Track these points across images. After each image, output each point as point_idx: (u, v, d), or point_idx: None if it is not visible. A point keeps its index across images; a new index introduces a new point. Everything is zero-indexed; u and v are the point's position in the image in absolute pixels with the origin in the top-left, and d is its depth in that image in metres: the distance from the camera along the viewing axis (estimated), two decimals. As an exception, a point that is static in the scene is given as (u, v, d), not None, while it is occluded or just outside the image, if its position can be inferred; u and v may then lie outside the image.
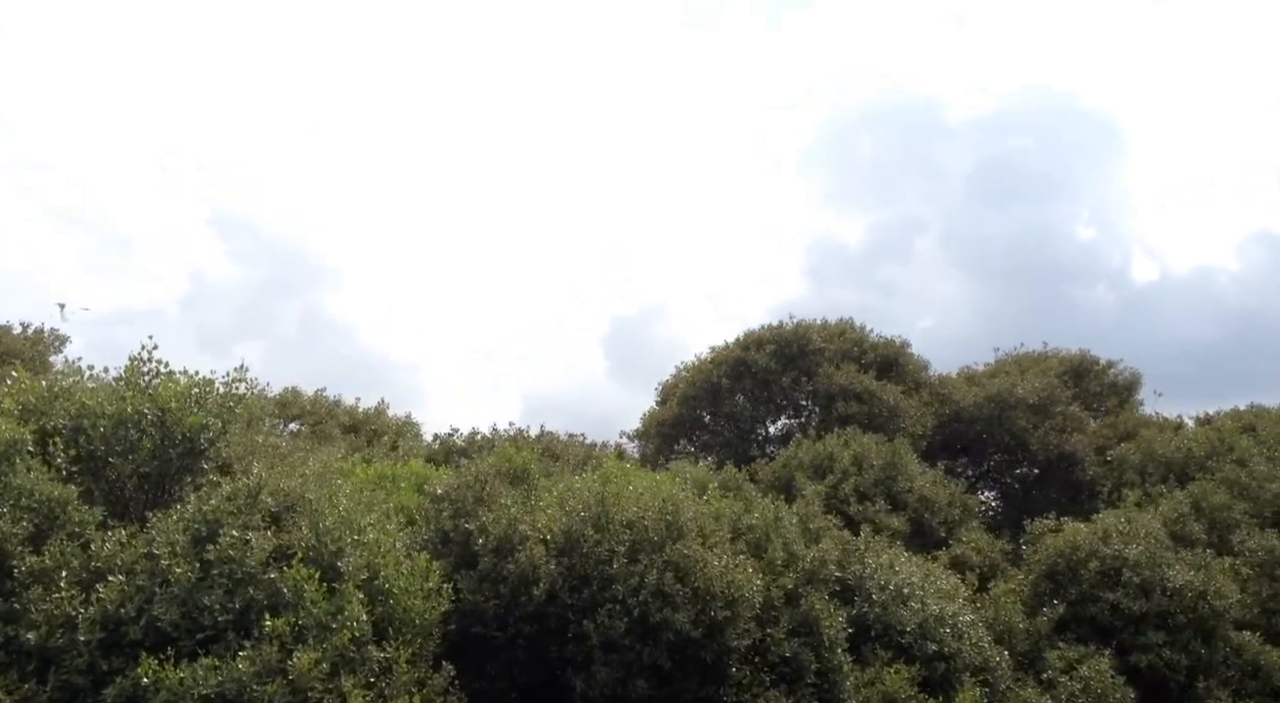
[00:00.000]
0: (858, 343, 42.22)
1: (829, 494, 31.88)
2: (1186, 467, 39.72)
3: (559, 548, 19.77)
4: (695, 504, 21.73)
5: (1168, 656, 27.54)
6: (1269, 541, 32.19)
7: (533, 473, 22.92)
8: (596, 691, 18.81)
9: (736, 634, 19.80)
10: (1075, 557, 29.30)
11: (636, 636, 18.93)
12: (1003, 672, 25.68)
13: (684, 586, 19.28)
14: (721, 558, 20.14)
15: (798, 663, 20.99)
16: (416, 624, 17.57)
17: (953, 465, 47.61)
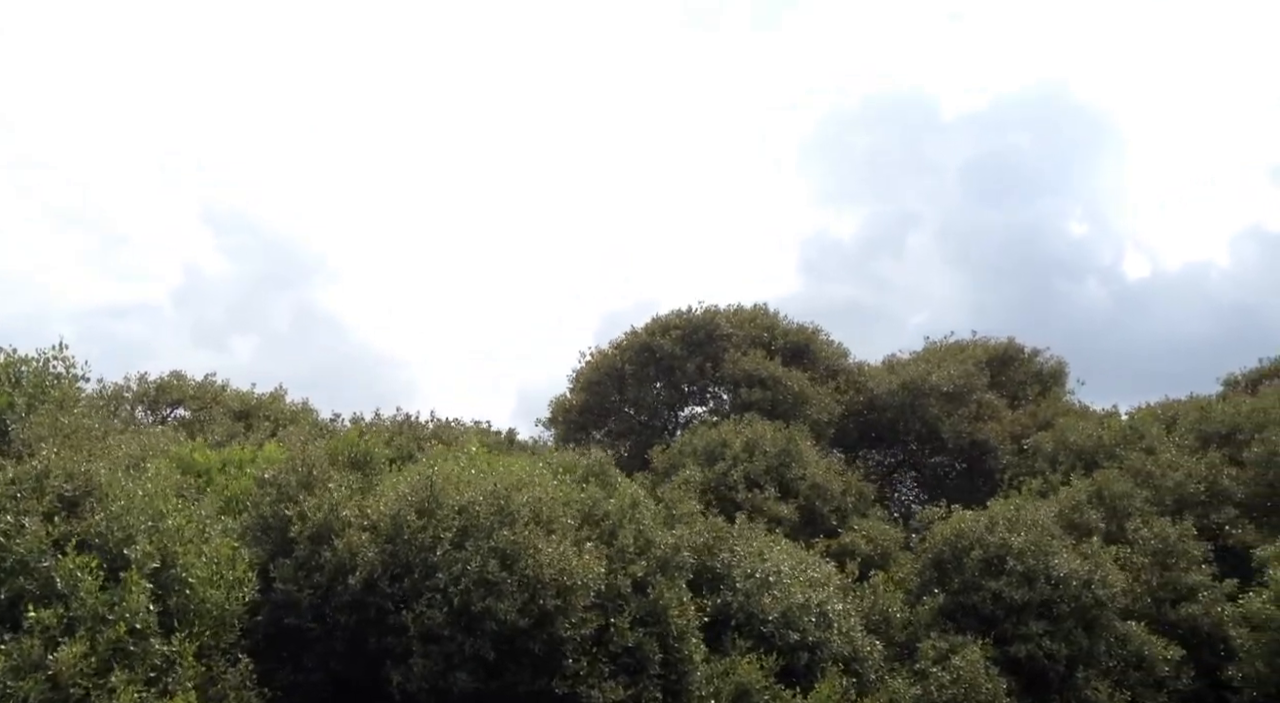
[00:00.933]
0: (768, 329, 41.58)
1: (717, 481, 31.21)
2: (1096, 455, 39.43)
3: (385, 535, 18.91)
4: (540, 490, 20.91)
5: (1048, 646, 27.07)
6: (1163, 529, 31.87)
7: (376, 458, 22.03)
8: (414, 684, 17.99)
9: (570, 624, 19.02)
10: (960, 545, 28.80)
11: (458, 626, 18.12)
12: (874, 662, 25.13)
13: (511, 573, 18.47)
14: (559, 545, 19.34)
15: (641, 654, 20.24)
16: (213, 615, 16.66)
17: (869, 454, 47.43)
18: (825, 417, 38.95)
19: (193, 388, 35.63)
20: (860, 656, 24.73)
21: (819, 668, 23.43)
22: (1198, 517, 34.36)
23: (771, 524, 30.14)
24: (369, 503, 19.54)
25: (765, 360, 38.91)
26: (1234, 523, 34.33)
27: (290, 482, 19.94)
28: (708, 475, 31.24)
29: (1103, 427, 41.19)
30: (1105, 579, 28.26)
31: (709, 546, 25.10)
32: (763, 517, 30.06)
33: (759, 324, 41.54)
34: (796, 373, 39.07)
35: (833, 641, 24.14)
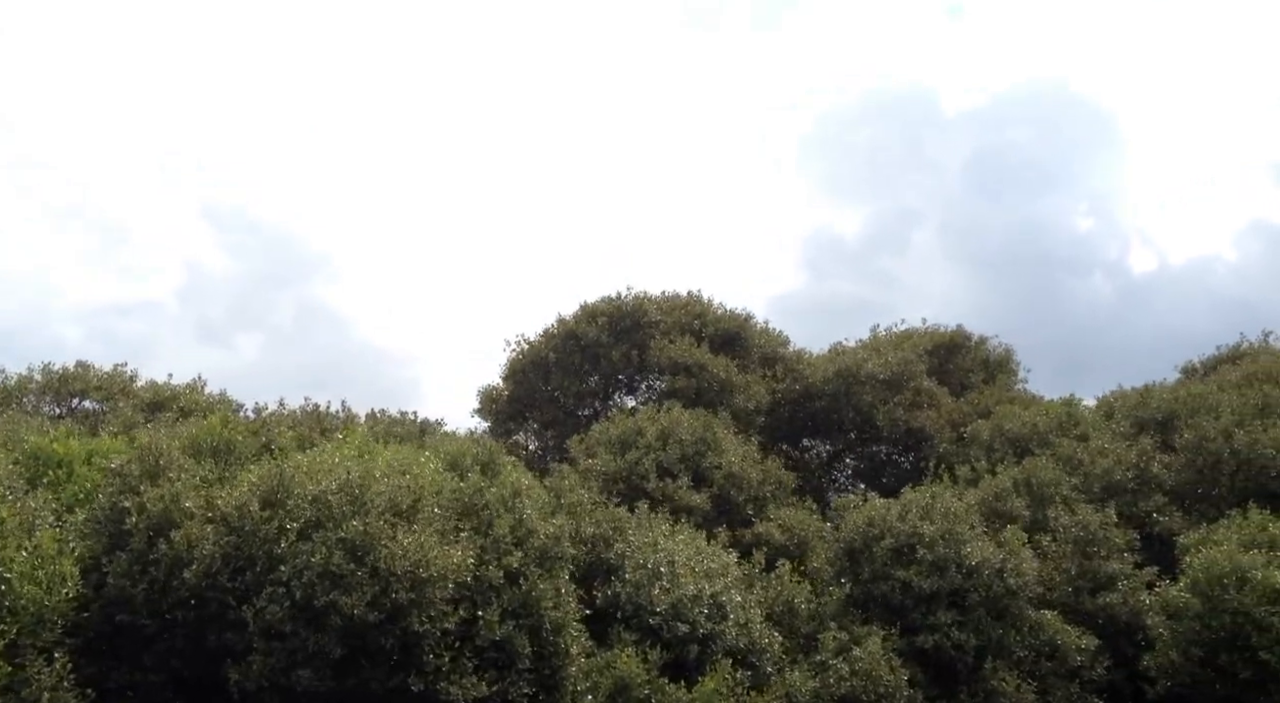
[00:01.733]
0: (699, 316, 40.79)
1: (628, 470, 30.45)
2: (1030, 443, 38.88)
3: (229, 527, 18.10)
4: (409, 480, 20.12)
5: (956, 636, 26.44)
6: (1085, 516, 31.28)
7: (238, 447, 21.18)
8: (254, 682, 17.20)
9: (428, 618, 18.27)
10: (871, 534, 28.14)
11: (301, 621, 17.34)
12: (772, 655, 24.47)
13: (360, 566, 17.69)
14: (418, 535, 18.56)
15: (510, 648, 19.51)
16: (30, 612, 15.84)
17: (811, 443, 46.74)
18: (752, 404, 38.19)
19: (98, 378, 34.62)
20: (757, 648, 24.07)
21: (710, 661, 22.75)
22: (1125, 504, 33.84)
23: (682, 514, 29.43)
24: (220, 494, 18.71)
25: (692, 348, 38.12)
26: (1162, 510, 33.79)
27: (133, 472, 19.07)
28: (619, 465, 30.46)
29: (1039, 415, 40.67)
30: (1018, 568, 27.65)
31: (605, 536, 24.42)
32: (672, 507, 29.34)
33: (690, 311, 40.74)
34: (724, 360, 38.28)
35: (727, 633, 23.46)
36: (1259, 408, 36.84)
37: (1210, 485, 34.48)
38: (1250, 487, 33.54)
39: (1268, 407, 36.81)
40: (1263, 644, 25.92)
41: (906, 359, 44.40)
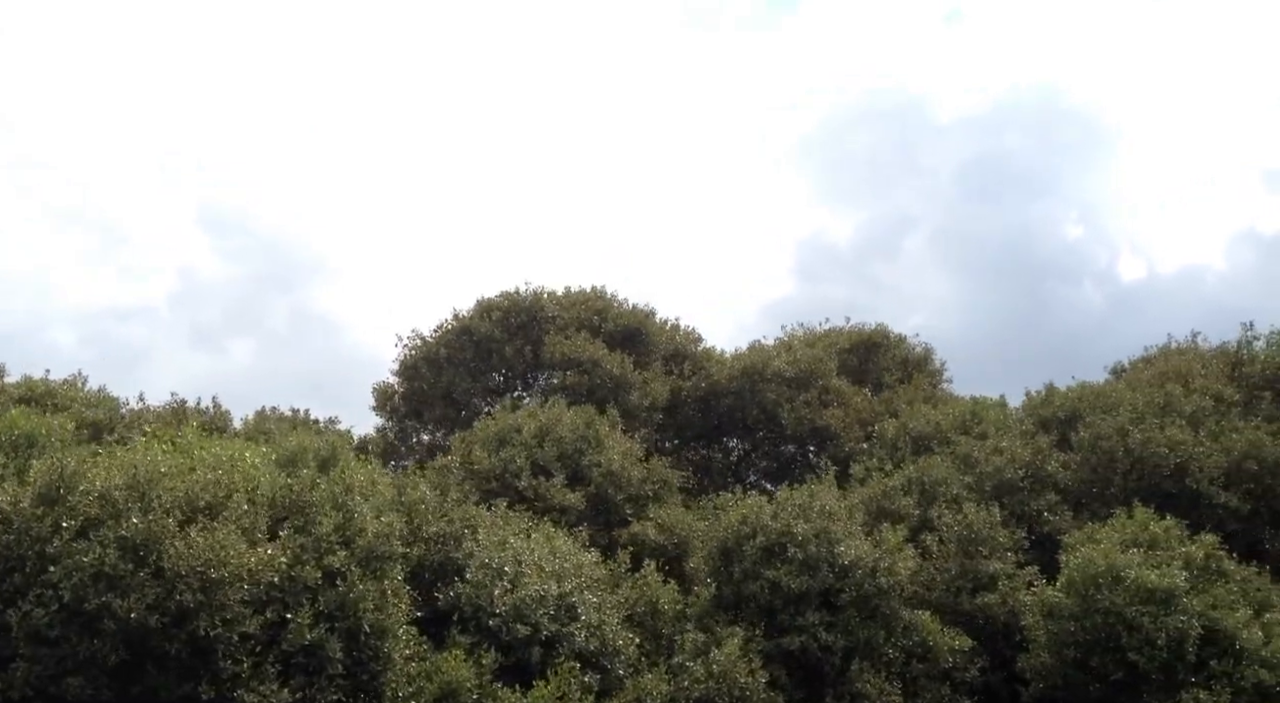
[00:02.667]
0: (599, 312, 39.97)
1: (501, 468, 29.53)
2: (932, 442, 38.37)
3: (3, 525, 17.00)
4: (222, 475, 19.11)
5: (824, 637, 25.73)
6: (968, 515, 30.70)
7: (41, 441, 20.06)
8: (18, 691, 16.14)
9: (222, 621, 17.27)
10: (742, 532, 27.40)
11: (73, 626, 16.29)
12: (626, 657, 23.64)
13: (141, 566, 16.67)
14: (212, 533, 17.56)
15: (321, 653, 18.55)
16: None
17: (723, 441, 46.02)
18: (648, 402, 37.38)
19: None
20: (610, 650, 23.22)
21: (553, 664, 21.88)
22: (1017, 503, 33.36)
23: (555, 513, 28.59)
24: (2, 490, 17.62)
25: (587, 344, 37.28)
26: (1053, 509, 33.30)
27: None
28: (492, 463, 29.54)
29: (944, 414, 40.18)
30: (891, 568, 27.00)
31: (455, 535, 23.51)
32: (544, 506, 28.49)
33: (589, 307, 39.91)
34: (620, 357, 37.45)
35: (575, 635, 22.59)
36: (1160, 407, 36.55)
37: (1104, 484, 34.05)
38: (1143, 486, 33.15)
39: (1169, 405, 36.52)
40: (1132, 645, 25.42)
41: (816, 357, 43.88)
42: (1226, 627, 25.69)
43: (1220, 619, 25.79)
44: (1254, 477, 33.08)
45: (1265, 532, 34.13)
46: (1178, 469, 32.99)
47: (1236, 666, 25.33)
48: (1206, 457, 33.18)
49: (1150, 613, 25.52)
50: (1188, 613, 25.55)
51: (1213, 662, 25.49)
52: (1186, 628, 25.31)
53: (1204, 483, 32.57)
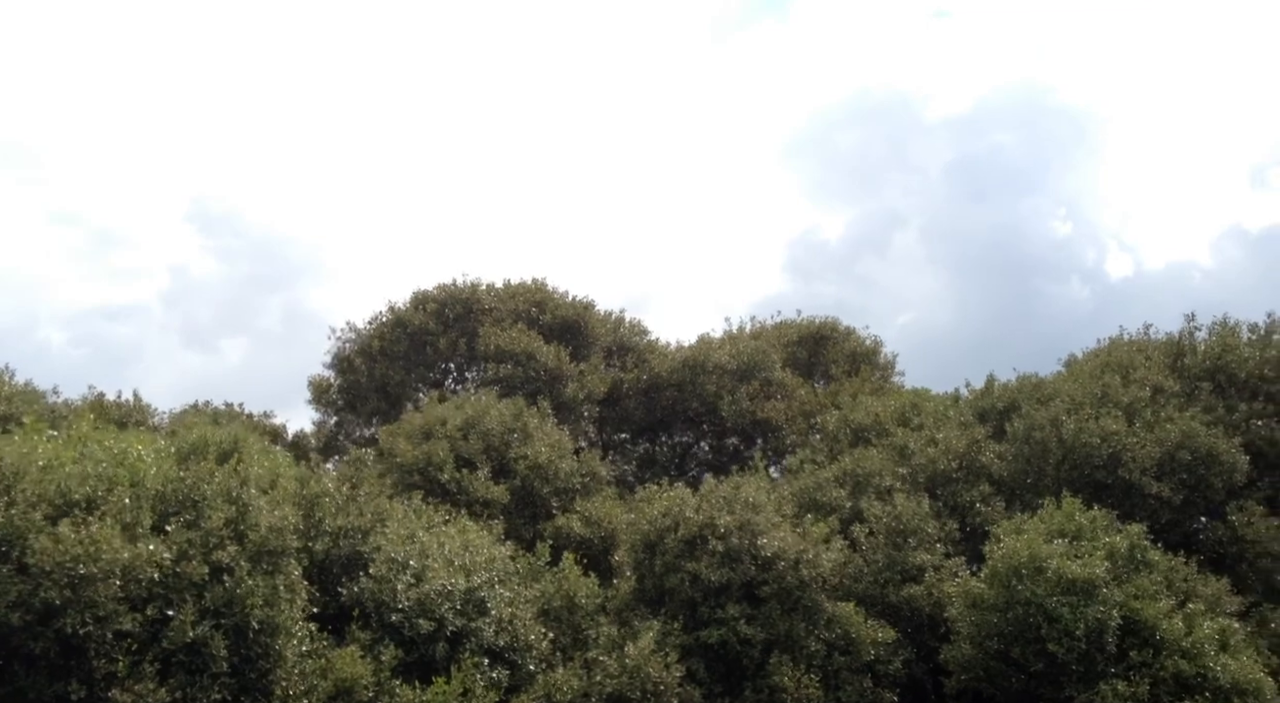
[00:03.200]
0: (538, 304, 39.53)
1: (424, 462, 29.07)
2: (870, 433, 38.20)
3: None
4: (102, 467, 18.57)
5: (743, 630, 25.44)
6: (900, 506, 30.51)
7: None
8: None
9: (95, 619, 16.76)
10: (664, 525, 27.08)
11: (-71, 624, 15.75)
12: (537, 653, 23.26)
13: (3, 562, 16.14)
14: (84, 528, 17.03)
15: (205, 651, 18.06)
16: None
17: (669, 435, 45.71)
18: (583, 394, 36.98)
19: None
20: (520, 645, 22.84)
21: (459, 660, 21.47)
22: (950, 494, 33.24)
23: (478, 507, 28.19)
24: None
25: (522, 335, 36.82)
26: (986, 500, 33.17)
27: None
28: (415, 456, 29.08)
29: (885, 406, 40.01)
30: (813, 560, 26.75)
31: (363, 528, 23.04)
32: (467, 499, 28.07)
33: (527, 298, 39.46)
34: (555, 349, 37.03)
35: (484, 630, 22.19)
36: (1098, 397, 36.52)
37: (1037, 475, 33.95)
38: (1075, 476, 33.06)
39: (1106, 395, 36.49)
40: (1052, 636, 25.27)
41: (759, 349, 43.65)
42: (1147, 618, 25.58)
43: (1141, 610, 25.68)
44: (1187, 467, 33.04)
45: (1199, 522, 34.34)
46: (1110, 460, 32.92)
47: (1156, 656, 25.24)
48: (1140, 447, 33.12)
49: (1070, 604, 25.37)
50: (1108, 604, 25.41)
51: (1132, 653, 25.38)
52: (1106, 619, 25.19)
53: (1136, 473, 32.52)
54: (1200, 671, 24.86)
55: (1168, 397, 36.75)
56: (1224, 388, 37.21)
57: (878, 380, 48.56)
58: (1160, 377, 37.83)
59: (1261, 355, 37.01)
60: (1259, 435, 35.26)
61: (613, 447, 46.64)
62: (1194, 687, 24.86)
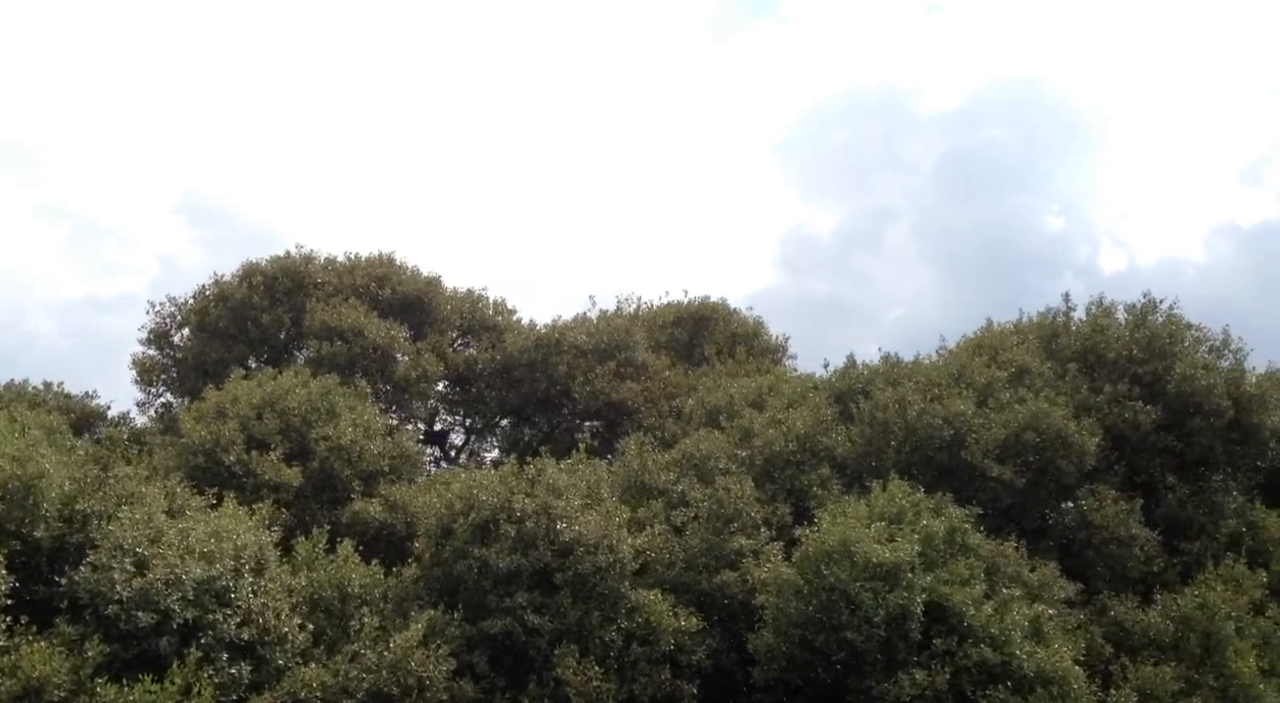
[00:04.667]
0: (378, 279, 37.71)
1: (210, 443, 27.26)
2: (719, 417, 36.94)
3: None
4: None
5: (531, 620, 23.97)
6: (721, 489, 29.18)
7: None
8: None
9: None
10: (457, 508, 25.52)
11: None
12: (292, 645, 21.63)
13: None
14: None
15: None
16: None
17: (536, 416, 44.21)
18: (416, 373, 35.24)
19: None
20: (270, 639, 21.18)
21: (185, 654, 19.78)
22: (788, 478, 32.03)
23: (266, 491, 26.43)
24: None
25: (355, 311, 34.97)
26: (825, 483, 31.98)
27: None
28: (200, 436, 27.26)
29: (740, 387, 38.75)
30: (611, 544, 25.32)
31: (97, 513, 21.24)
32: (254, 483, 26.33)
33: (368, 273, 37.63)
34: (386, 326, 35.23)
35: (222, 622, 20.49)
36: (954, 376, 35.54)
37: (879, 457, 32.84)
38: (916, 458, 32.01)
39: (961, 376, 35.53)
40: (851, 624, 24.07)
41: (621, 328, 42.25)
42: (954, 604, 24.48)
43: (949, 596, 24.58)
44: (1034, 449, 32.06)
45: (1047, 506, 33.40)
46: (953, 442, 31.90)
47: (961, 644, 24.14)
48: (985, 429, 32.16)
49: (874, 590, 24.19)
50: (913, 589, 24.27)
51: (937, 640, 24.28)
52: (908, 605, 24.03)
53: (978, 456, 31.52)
54: (1005, 659, 23.79)
55: (1033, 378, 35.88)
56: (1094, 369, 36.37)
57: (767, 363, 47.45)
58: (1027, 358, 36.95)
59: (1132, 336, 36.15)
60: (1121, 418, 34.40)
61: (476, 431, 45.16)
62: (998, 676, 23.78)
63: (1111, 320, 37.70)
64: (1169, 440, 34.32)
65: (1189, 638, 28.43)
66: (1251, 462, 37.09)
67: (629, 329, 42.27)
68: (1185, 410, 34.41)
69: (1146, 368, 35.29)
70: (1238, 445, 36.30)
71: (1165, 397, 34.41)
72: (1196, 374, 34.44)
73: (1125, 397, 34.44)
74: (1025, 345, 37.80)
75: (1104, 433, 33.75)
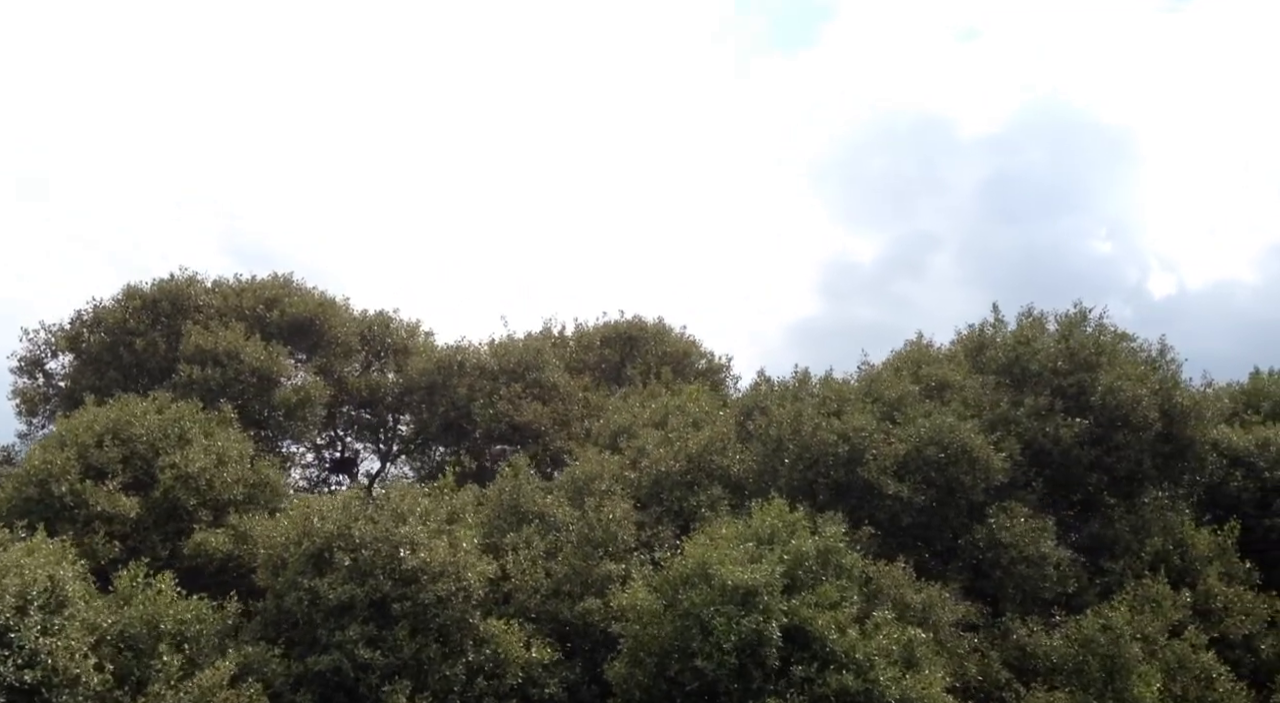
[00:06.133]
0: (267, 302, 36.39)
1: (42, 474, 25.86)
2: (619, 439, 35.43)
3: None
4: None
5: (362, 655, 22.43)
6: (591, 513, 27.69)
7: None
8: None
9: None
10: (292, 536, 24.05)
11: None
12: (86, 688, 20.14)
13: None
14: None
15: None
16: None
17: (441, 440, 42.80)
18: (296, 398, 33.83)
19: None
20: (58, 682, 19.72)
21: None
22: (676, 499, 30.54)
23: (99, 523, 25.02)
24: None
25: (231, 334, 33.56)
26: (714, 504, 30.47)
27: None
28: (34, 466, 25.90)
29: (647, 407, 37.35)
30: (458, 574, 23.83)
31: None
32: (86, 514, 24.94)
33: (256, 296, 36.32)
34: (269, 349, 33.79)
35: (0, 664, 19.03)
36: (863, 392, 34.17)
37: (772, 476, 31.35)
38: (810, 476, 30.57)
39: (870, 391, 34.15)
40: (704, 651, 22.50)
41: (532, 349, 40.89)
42: (815, 629, 22.92)
43: (811, 620, 23.02)
44: (938, 465, 30.60)
45: (957, 524, 31.80)
46: (850, 458, 30.46)
47: (821, 671, 22.56)
48: (885, 444, 30.73)
49: (729, 614, 22.66)
50: (769, 613, 22.70)
51: (798, 667, 22.70)
52: (763, 630, 22.45)
53: (874, 472, 30.06)
54: (868, 686, 22.19)
55: (953, 392, 34.46)
56: (1019, 382, 34.89)
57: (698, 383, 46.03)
58: (948, 372, 35.57)
59: (1057, 348, 34.68)
60: (1043, 432, 32.90)
61: (393, 457, 43.77)
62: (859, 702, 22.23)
63: (1041, 332, 36.32)
64: (1094, 455, 32.82)
65: (1090, 663, 26.81)
66: (1187, 477, 35.72)
67: (540, 350, 40.88)
68: (1113, 424, 32.83)
69: (1070, 380, 33.77)
70: (1172, 460, 34.96)
71: (1091, 410, 32.87)
72: (1124, 386, 32.79)
73: (1047, 410, 32.98)
74: (953, 360, 36.49)
75: (1024, 448, 32.36)
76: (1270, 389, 44.56)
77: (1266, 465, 36.47)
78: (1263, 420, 40.13)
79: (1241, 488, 36.22)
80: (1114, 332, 36.09)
